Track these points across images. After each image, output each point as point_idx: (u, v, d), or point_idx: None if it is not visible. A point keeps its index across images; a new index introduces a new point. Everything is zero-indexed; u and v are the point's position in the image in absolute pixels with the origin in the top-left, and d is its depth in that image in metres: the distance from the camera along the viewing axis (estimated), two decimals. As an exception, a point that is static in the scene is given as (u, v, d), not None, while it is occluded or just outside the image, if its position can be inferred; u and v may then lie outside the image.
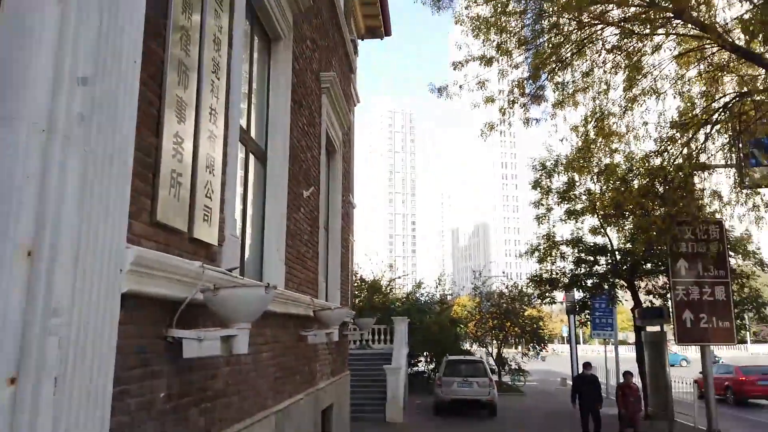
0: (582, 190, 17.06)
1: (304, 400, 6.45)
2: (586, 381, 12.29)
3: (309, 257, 7.03)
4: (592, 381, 12.24)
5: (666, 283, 16.26)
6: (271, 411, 5.12)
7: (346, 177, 10.27)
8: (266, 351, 5.13)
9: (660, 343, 15.06)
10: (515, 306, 25.35)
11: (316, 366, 7.40)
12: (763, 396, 19.97)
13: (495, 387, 16.57)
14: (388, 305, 24.41)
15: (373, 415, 15.17)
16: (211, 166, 3.57)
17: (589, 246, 17.07)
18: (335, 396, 8.69)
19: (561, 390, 25.34)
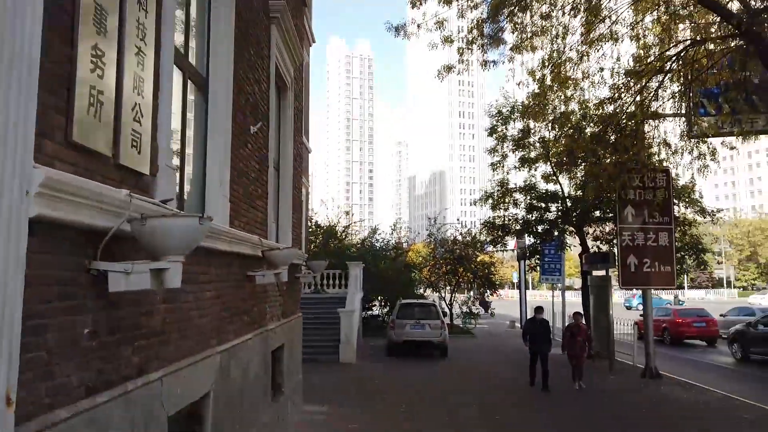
0: (537, 138, 17.18)
1: (252, 341, 6.34)
2: (537, 325, 12.27)
3: (257, 196, 6.79)
4: (542, 325, 12.25)
5: (613, 230, 16.75)
6: (215, 351, 4.99)
7: (299, 117, 9.91)
8: (210, 290, 4.95)
9: (605, 287, 15.63)
10: (468, 252, 25.81)
11: (266, 307, 7.28)
12: (698, 337, 21.20)
13: (446, 329, 16.97)
14: (344, 250, 24.44)
15: (328, 356, 15.35)
16: (140, 86, 3.27)
17: (541, 193, 17.32)
18: (286, 337, 8.65)
19: (509, 332, 26.27)
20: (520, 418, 9.54)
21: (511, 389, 12.07)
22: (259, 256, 6.24)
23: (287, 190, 8.90)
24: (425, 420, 9.19)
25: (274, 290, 7.79)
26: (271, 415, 7.41)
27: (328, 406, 10.04)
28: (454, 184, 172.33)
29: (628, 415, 9.73)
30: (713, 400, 11.20)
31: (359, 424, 8.84)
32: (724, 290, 76.00)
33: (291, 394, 9.03)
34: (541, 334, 11.98)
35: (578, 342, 11.95)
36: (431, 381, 12.77)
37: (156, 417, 3.67)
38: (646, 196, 13.80)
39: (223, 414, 5.19)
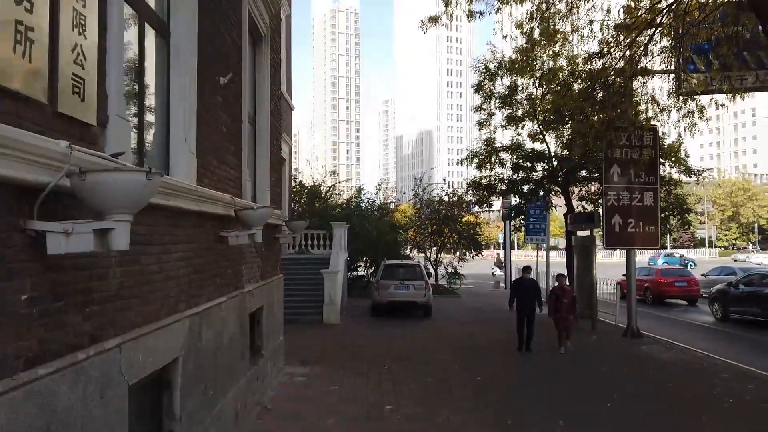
0: (524, 95, 16.81)
1: (227, 303, 6.13)
2: (524, 286, 11.71)
3: (230, 153, 6.46)
4: (531, 286, 11.72)
5: (598, 190, 16.63)
6: (184, 315, 4.76)
7: (276, 69, 9.47)
8: (178, 251, 4.69)
9: (589, 247, 15.58)
10: (454, 212, 25.67)
11: (242, 268, 7.05)
12: (679, 296, 21.44)
13: (431, 290, 16.94)
14: (329, 211, 24.18)
15: (312, 317, 15.27)
16: (81, 25, 2.91)
17: (528, 152, 17.07)
18: (266, 299, 8.46)
19: (494, 292, 26.45)
20: (503, 378, 9.52)
21: (495, 350, 12.07)
22: (232, 216, 5.96)
23: (264, 146, 8.56)
24: (407, 381, 9.13)
25: (251, 251, 7.55)
26: (250, 378, 7.27)
27: (309, 367, 9.95)
28: (441, 144, 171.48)
29: (610, 376, 9.77)
30: (694, 359, 11.29)
31: (340, 385, 8.76)
32: (705, 250, 77.29)
33: (272, 355, 8.91)
34: (529, 295, 11.52)
35: (564, 305, 11.48)
36: (415, 342, 12.75)
37: (115, 386, 3.46)
38: (632, 155, 13.62)
39: (194, 379, 5.00)
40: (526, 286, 11.66)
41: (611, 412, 7.62)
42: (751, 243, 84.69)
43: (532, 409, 7.66)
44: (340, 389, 8.56)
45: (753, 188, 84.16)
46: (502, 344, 12.45)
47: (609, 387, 8.88)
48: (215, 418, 5.57)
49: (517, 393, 8.56)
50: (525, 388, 8.83)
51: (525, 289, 11.62)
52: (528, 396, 8.39)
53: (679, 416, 7.47)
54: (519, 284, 11.92)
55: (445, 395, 8.31)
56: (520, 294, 11.57)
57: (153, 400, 4.49)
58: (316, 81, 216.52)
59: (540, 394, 8.49)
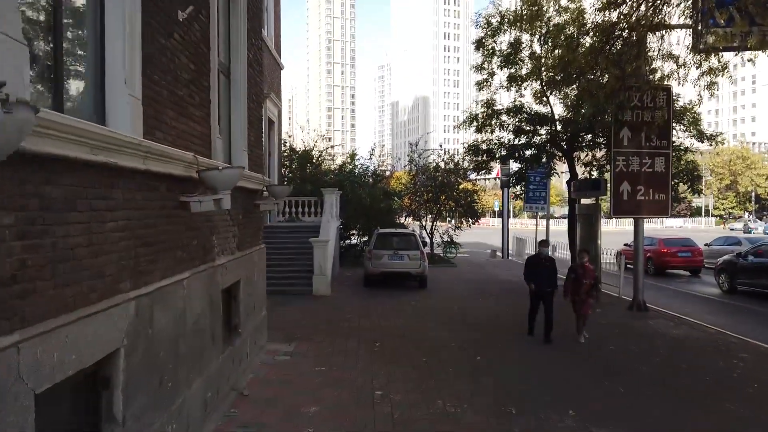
0: (527, 53, 15.75)
1: (190, 280, 5.27)
2: (541, 262, 10.03)
3: (194, 104, 5.51)
4: (547, 263, 10.03)
5: (604, 155, 15.74)
6: (127, 297, 3.91)
7: (256, 13, 8.41)
8: (116, 220, 3.80)
9: (593, 215, 14.77)
10: (451, 179, 24.75)
11: (212, 239, 6.17)
12: (683, 267, 20.77)
13: (426, 260, 16.16)
14: (321, 177, 23.22)
15: (301, 288, 14.52)
16: None
17: (530, 114, 16.06)
18: (244, 272, 7.62)
19: (490, 262, 25.77)
20: (504, 359, 8.79)
21: (494, 326, 11.34)
22: (194, 177, 5.06)
23: (241, 101, 7.58)
24: (400, 361, 8.39)
25: (224, 219, 6.67)
26: (224, 361, 6.47)
27: (295, 344, 9.19)
28: (438, 110, 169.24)
29: (619, 355, 9.02)
30: (706, 336, 10.60)
31: (327, 365, 8.00)
32: (701, 219, 76.91)
33: (252, 333, 8.11)
34: (545, 273, 9.82)
35: (585, 286, 9.68)
36: (409, 316, 12.00)
37: (12, 397, 2.62)
38: (644, 117, 12.67)
39: (144, 372, 4.18)
40: (542, 264, 10.00)
41: (625, 399, 6.88)
42: (747, 212, 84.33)
43: (537, 396, 6.92)
44: (327, 370, 7.80)
45: (752, 157, 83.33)
46: (502, 320, 11.74)
47: (620, 369, 8.15)
48: (175, 414, 4.77)
49: (520, 376, 7.81)
50: (528, 370, 8.08)
51: (541, 266, 9.94)
52: (532, 379, 7.65)
53: (701, 405, 6.75)
54: (535, 261, 10.21)
55: (441, 378, 7.57)
56: (536, 272, 9.92)
57: (87, 404, 3.67)
58: (311, 45, 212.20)
59: (545, 377, 7.75)
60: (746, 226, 58.72)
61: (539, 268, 9.95)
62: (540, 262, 10.03)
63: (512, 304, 13.52)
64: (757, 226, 60.73)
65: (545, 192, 21.59)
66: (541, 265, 9.98)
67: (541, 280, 9.81)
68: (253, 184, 7.92)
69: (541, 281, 9.80)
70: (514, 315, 12.11)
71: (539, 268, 9.95)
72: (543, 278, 9.80)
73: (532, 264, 10.22)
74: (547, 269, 9.91)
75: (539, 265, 10.00)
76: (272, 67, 19.96)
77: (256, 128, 8.80)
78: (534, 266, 10.08)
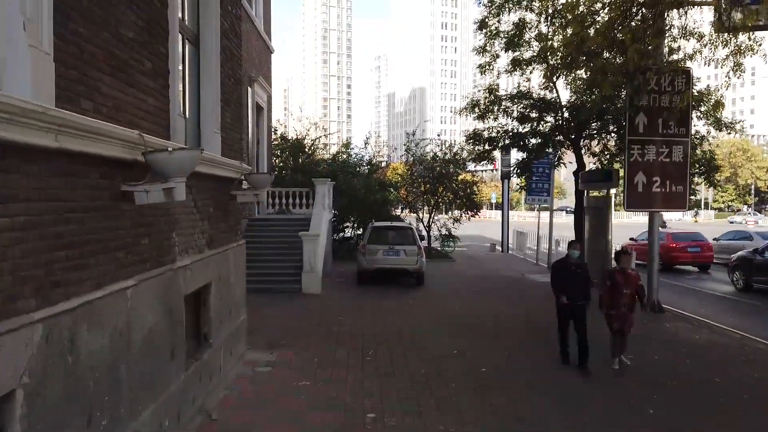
0: (533, 35, 14.72)
1: (138, 288, 4.28)
2: (570, 269, 7.94)
3: (144, 72, 4.49)
4: (578, 269, 7.98)
5: (615, 144, 14.78)
6: (28, 320, 2.91)
7: (231, -23, 7.37)
8: (12, 215, 2.81)
9: (603, 208, 13.82)
10: (449, 170, 23.72)
11: (171, 236, 5.18)
12: (692, 262, 19.86)
13: (423, 255, 15.17)
14: (314, 166, 22.16)
15: (289, 286, 13.52)
16: None
17: (536, 101, 15.04)
18: (217, 272, 6.63)
19: (490, 256, 24.84)
20: (513, 369, 7.84)
21: (500, 330, 10.39)
22: (139, 162, 4.05)
23: (213, 75, 6.55)
24: (396, 373, 7.43)
25: (188, 212, 5.66)
26: (188, 380, 5.49)
27: (278, 353, 8.21)
28: (434, 101, 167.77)
29: (641, 367, 8.03)
30: (732, 342, 9.67)
31: (313, 379, 7.03)
32: (701, 212, 76.13)
33: (228, 341, 7.14)
34: (576, 282, 7.82)
35: (625, 297, 7.74)
36: (405, 318, 11.02)
37: None
38: (661, 102, 11.69)
39: (60, 413, 3.18)
40: (572, 270, 7.93)
41: (660, 426, 5.91)
42: (746, 205, 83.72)
43: (554, 417, 5.97)
44: (312, 385, 6.83)
45: (752, 149, 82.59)
46: (508, 322, 10.79)
47: (644, 384, 7.20)
48: (112, 458, 3.80)
49: (533, 392, 6.85)
50: (542, 385, 7.11)
51: (571, 273, 7.90)
52: (546, 396, 6.70)
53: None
54: (562, 267, 8.11)
55: (443, 395, 6.60)
56: (565, 281, 7.88)
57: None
58: (306, 34, 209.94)
59: (561, 392, 6.80)
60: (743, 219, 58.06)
61: (568, 276, 7.90)
62: (569, 268, 7.98)
63: (517, 304, 12.61)
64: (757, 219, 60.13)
65: (549, 184, 20.59)
66: (570, 271, 7.93)
67: (571, 292, 7.78)
68: (228, 172, 6.91)
69: (572, 292, 7.78)
70: (521, 317, 11.21)
71: (568, 276, 7.90)
72: (574, 288, 7.79)
73: (560, 270, 8.13)
74: (578, 277, 7.87)
75: (568, 271, 7.95)
76: (261, 49, 18.86)
77: (234, 109, 7.77)
78: (563, 273, 8.00)
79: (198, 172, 5.72)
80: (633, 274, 7.99)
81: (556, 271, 8.24)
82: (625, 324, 7.79)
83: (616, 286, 7.78)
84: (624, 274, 7.84)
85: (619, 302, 7.75)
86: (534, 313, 11.44)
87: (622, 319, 7.76)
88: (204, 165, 5.87)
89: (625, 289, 7.73)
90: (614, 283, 7.81)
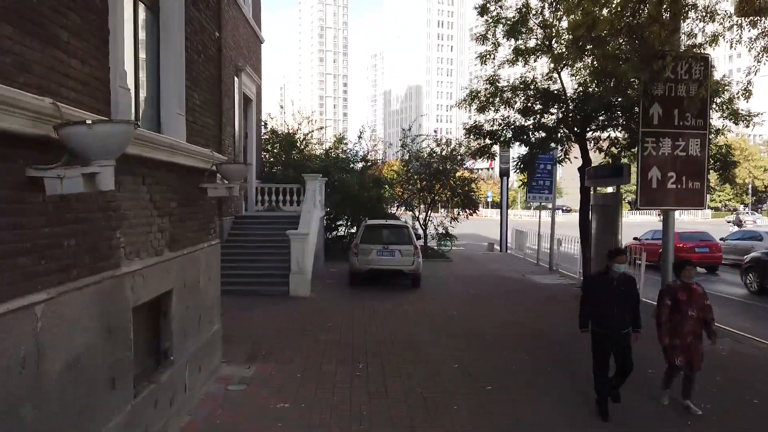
0: (537, 21, 13.80)
1: (54, 303, 3.35)
2: (611, 285, 5.96)
3: (69, 28, 3.54)
4: (622, 285, 5.99)
5: (624, 137, 13.88)
6: None
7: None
8: None
9: (613, 206, 12.91)
10: (446, 166, 22.77)
11: (115, 236, 4.24)
12: (699, 263, 18.93)
13: (420, 255, 14.25)
14: (306, 162, 21.19)
15: (276, 289, 12.59)
16: None
17: (540, 91, 14.10)
18: (180, 277, 5.69)
19: (489, 256, 23.93)
20: (521, 385, 6.94)
21: (504, 339, 9.49)
22: (53, 139, 3.11)
23: (175, 47, 5.60)
24: (389, 390, 6.52)
25: (140, 206, 4.72)
26: (139, 408, 4.56)
27: (256, 366, 7.28)
28: (430, 99, 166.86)
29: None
30: (758, 353, 8.79)
31: (293, 400, 6.10)
32: (698, 211, 75.46)
33: (197, 356, 6.20)
34: (621, 303, 5.93)
35: (690, 321, 6.01)
36: (400, 324, 10.10)
37: None
38: (677, 92, 10.78)
39: None
40: (614, 287, 5.96)
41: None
42: (743, 205, 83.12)
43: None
44: (292, 408, 5.90)
45: (749, 148, 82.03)
46: (512, 330, 9.88)
47: (676, 410, 6.30)
48: None
49: (548, 412, 5.94)
50: (558, 407, 6.21)
51: (612, 291, 5.95)
52: (561, 418, 5.79)
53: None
54: (600, 282, 6.14)
55: (443, 419, 5.69)
56: (603, 301, 5.95)
57: None
58: (303, 32, 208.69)
59: (576, 411, 5.89)
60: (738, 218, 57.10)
61: (608, 293, 5.94)
62: (609, 284, 5.97)
63: (522, 308, 11.73)
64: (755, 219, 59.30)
65: (550, 181, 19.70)
66: (610, 288, 5.95)
67: (612, 315, 5.90)
68: (195, 161, 5.96)
69: (613, 316, 5.90)
70: (525, 325, 10.31)
71: (608, 293, 5.94)
72: (616, 311, 5.91)
73: (596, 286, 6.20)
74: (623, 296, 5.95)
75: (608, 288, 5.97)
76: (250, 38, 17.91)
77: (207, 91, 6.82)
78: (601, 291, 6.02)
79: (154, 159, 4.82)
80: (699, 290, 6.15)
81: (590, 289, 6.32)
82: (693, 357, 6.02)
83: (678, 306, 6.02)
84: (688, 290, 6.06)
85: (683, 329, 5.99)
86: (542, 320, 10.58)
87: (688, 352, 6.00)
88: (162, 151, 4.95)
89: (690, 310, 5.98)
90: (676, 302, 6.04)
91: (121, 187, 4.30)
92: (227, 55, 14.84)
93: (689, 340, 6.00)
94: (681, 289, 6.12)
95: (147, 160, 4.67)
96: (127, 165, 4.36)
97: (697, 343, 6.03)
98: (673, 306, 6.07)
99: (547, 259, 19.17)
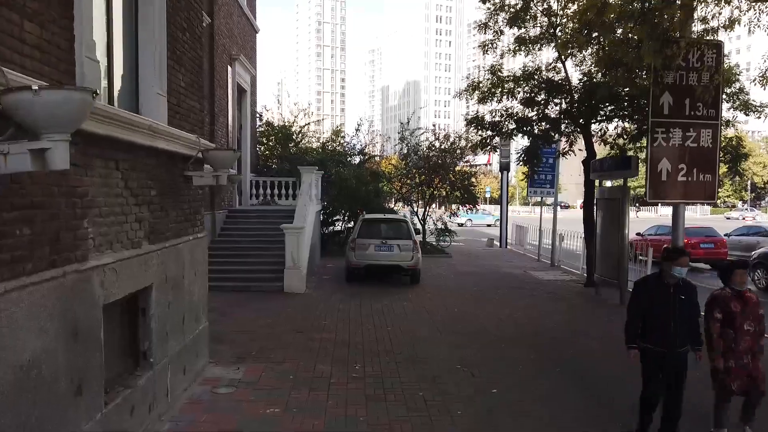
0: (540, 9, 13.36)
1: (4, 301, 2.90)
2: (667, 292, 4.88)
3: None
4: (681, 295, 4.88)
5: (631, 128, 13.46)
6: None
7: None
8: None
9: (619, 200, 12.48)
10: (446, 160, 22.30)
11: (81, 225, 3.78)
12: (704, 259, 18.63)
13: (419, 251, 13.81)
14: (302, 155, 20.73)
15: (270, 285, 12.16)
16: None
17: (544, 82, 13.66)
18: (161, 272, 5.24)
19: (488, 251, 23.51)
20: (530, 388, 6.51)
21: (506, 338, 9.06)
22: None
23: (155, 22, 5.13)
24: (387, 396, 6.08)
25: (114, 194, 4.27)
26: (109, 417, 4.11)
27: (245, 368, 6.83)
28: (429, 95, 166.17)
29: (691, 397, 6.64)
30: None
31: (283, 405, 5.66)
32: (697, 207, 75.11)
33: (180, 356, 5.75)
34: (679, 314, 4.84)
35: (746, 335, 4.91)
36: (399, 323, 9.65)
37: None
38: (689, 80, 10.33)
39: None
40: (671, 295, 4.87)
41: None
42: (742, 201, 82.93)
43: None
44: (282, 414, 5.45)
45: (749, 144, 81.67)
46: (516, 330, 9.45)
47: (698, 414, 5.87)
48: None
49: (559, 424, 5.51)
50: (571, 415, 5.78)
51: (670, 300, 4.86)
52: (577, 425, 5.37)
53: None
54: (654, 289, 5.00)
55: (446, 428, 5.26)
56: (657, 312, 4.90)
57: None
58: (300, 27, 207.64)
59: (594, 421, 5.47)
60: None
61: (663, 304, 4.86)
62: (665, 291, 4.88)
63: (524, 306, 11.30)
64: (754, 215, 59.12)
65: (552, 175, 19.25)
66: (666, 296, 4.86)
67: (668, 332, 4.82)
68: (178, 147, 5.50)
69: (669, 333, 4.82)
70: (530, 323, 9.90)
71: (663, 304, 4.86)
72: (673, 325, 4.81)
73: (649, 293, 5.01)
74: (681, 306, 4.85)
75: (665, 297, 4.86)
76: (245, 27, 17.42)
77: (192, 72, 6.36)
78: (655, 298, 4.92)
79: (130, 141, 4.38)
80: (753, 298, 5.04)
81: (641, 295, 5.07)
82: (758, 379, 4.90)
83: (731, 318, 4.90)
84: (741, 299, 4.95)
85: (738, 347, 4.88)
86: (546, 317, 10.17)
87: (745, 374, 4.90)
88: (139, 133, 4.49)
89: (746, 324, 4.90)
90: (729, 314, 4.92)
91: (89, 171, 3.85)
92: (220, 43, 14.36)
93: (746, 360, 4.91)
94: (733, 298, 4.97)
95: (121, 142, 4.21)
96: (96, 147, 3.91)
97: (756, 363, 4.95)
98: (726, 317, 4.93)
99: (548, 254, 18.77)
